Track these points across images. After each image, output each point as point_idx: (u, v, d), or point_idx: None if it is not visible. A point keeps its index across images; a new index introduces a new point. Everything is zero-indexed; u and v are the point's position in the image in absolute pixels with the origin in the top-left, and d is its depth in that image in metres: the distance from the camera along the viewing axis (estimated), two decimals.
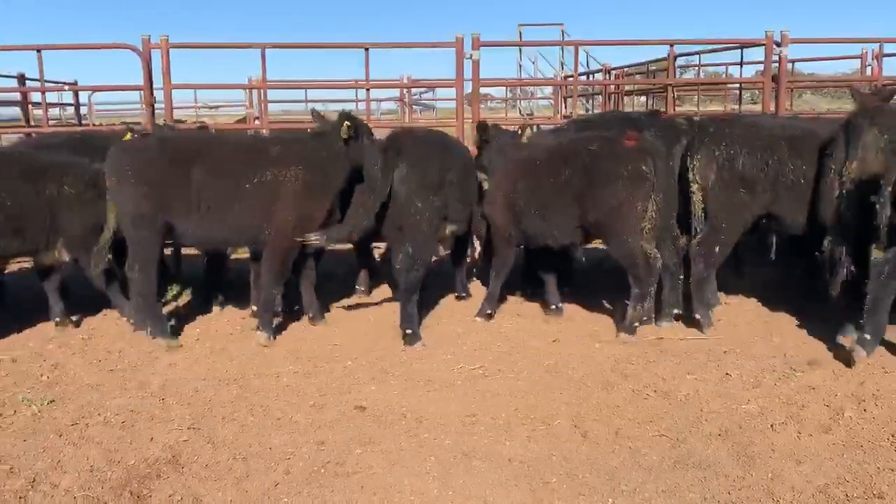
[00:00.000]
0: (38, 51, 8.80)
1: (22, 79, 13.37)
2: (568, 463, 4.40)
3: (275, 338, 6.69)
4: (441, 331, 6.89)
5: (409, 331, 6.61)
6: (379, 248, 8.88)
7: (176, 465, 4.44)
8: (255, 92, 16.34)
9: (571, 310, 7.37)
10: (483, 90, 9.70)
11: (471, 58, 8.75)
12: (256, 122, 14.58)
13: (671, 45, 11.21)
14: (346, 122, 6.65)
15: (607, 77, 15.84)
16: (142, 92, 8.86)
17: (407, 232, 6.66)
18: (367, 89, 10.05)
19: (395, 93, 18.90)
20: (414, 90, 17.70)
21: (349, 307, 7.65)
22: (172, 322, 6.96)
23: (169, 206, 6.46)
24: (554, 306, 7.23)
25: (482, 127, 7.65)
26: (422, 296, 6.91)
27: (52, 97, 15.13)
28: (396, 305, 7.58)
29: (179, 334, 6.81)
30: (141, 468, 4.40)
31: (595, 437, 4.72)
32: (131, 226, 6.52)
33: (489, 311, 7.14)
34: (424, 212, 6.62)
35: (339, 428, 4.88)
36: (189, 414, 5.13)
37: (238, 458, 4.50)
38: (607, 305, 7.39)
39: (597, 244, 7.42)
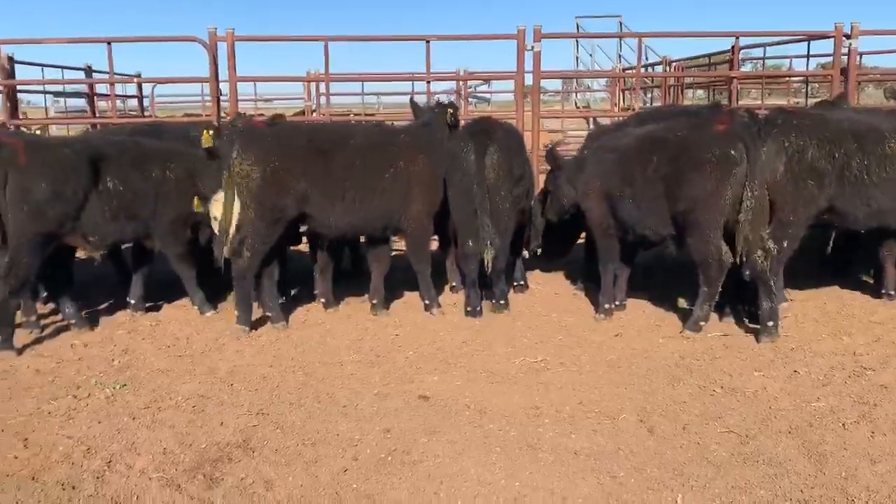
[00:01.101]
0: (109, 43, 9.02)
1: (89, 70, 13.73)
2: (635, 457, 4.37)
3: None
4: (500, 323, 6.89)
5: (502, 300, 7.11)
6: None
7: (246, 448, 4.53)
8: (312, 84, 16.56)
9: (632, 304, 7.31)
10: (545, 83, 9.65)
11: (532, 49, 8.72)
12: (314, 114, 14.75)
13: (736, 38, 11.01)
14: (450, 111, 6.86)
15: (667, 69, 15.61)
16: (202, 84, 9.02)
17: (494, 220, 6.72)
18: (428, 81, 10.07)
19: (446, 85, 18.97)
20: (469, 82, 17.63)
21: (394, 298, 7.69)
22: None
23: (306, 194, 6.54)
24: (618, 302, 7.15)
25: (552, 154, 7.56)
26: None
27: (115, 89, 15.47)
28: (454, 297, 7.67)
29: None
30: (212, 451, 4.50)
31: (662, 432, 4.67)
32: (259, 214, 6.49)
33: (607, 306, 6.97)
34: (507, 200, 6.70)
35: (403, 417, 4.93)
36: (257, 399, 5.22)
37: (307, 444, 4.57)
38: (669, 299, 7.32)
39: None
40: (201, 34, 8.76)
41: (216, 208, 6.62)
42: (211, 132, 7.18)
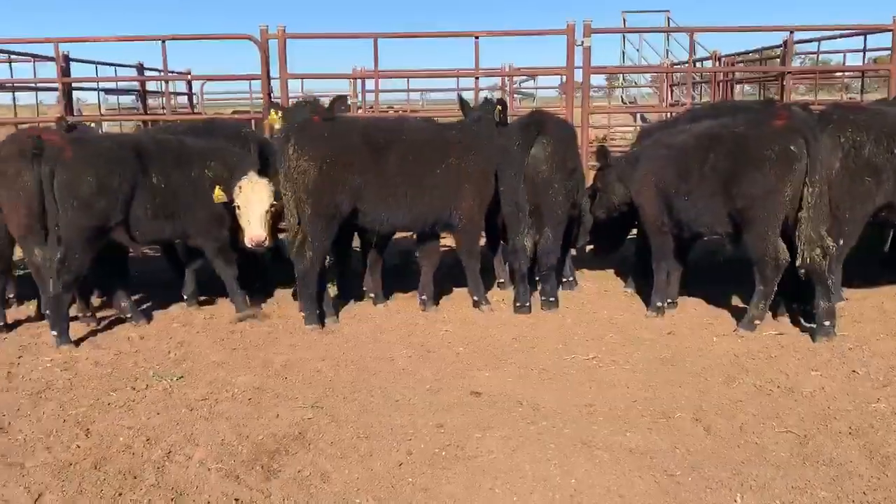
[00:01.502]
0: (163, 42, 9.17)
1: (141, 68, 13.96)
2: (692, 456, 4.33)
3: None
4: (550, 320, 6.87)
5: (551, 298, 7.08)
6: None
7: (303, 441, 4.58)
8: (358, 81, 16.62)
9: (683, 302, 7.23)
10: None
11: (582, 45, 8.66)
12: (359, 111, 14.80)
13: (791, 32, 10.80)
14: (499, 107, 6.88)
15: (716, 64, 15.39)
16: (249, 81, 9.11)
17: (546, 212, 6.71)
18: (476, 77, 10.06)
19: (489, 81, 18.91)
20: (514, 78, 17.56)
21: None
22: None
23: (360, 190, 6.57)
24: (669, 300, 7.06)
25: (603, 151, 7.58)
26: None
27: (160, 86, 15.68)
28: (503, 293, 7.66)
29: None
30: (269, 444, 4.56)
31: (718, 431, 4.62)
32: (316, 210, 6.48)
33: (659, 304, 6.91)
34: (560, 193, 6.70)
35: (456, 412, 4.94)
36: (311, 393, 5.28)
37: (361, 437, 4.60)
38: (720, 297, 7.23)
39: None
40: (250, 31, 8.85)
41: (239, 198, 6.64)
42: (279, 113, 7.28)
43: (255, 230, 6.65)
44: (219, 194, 6.64)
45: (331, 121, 6.72)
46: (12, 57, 11.09)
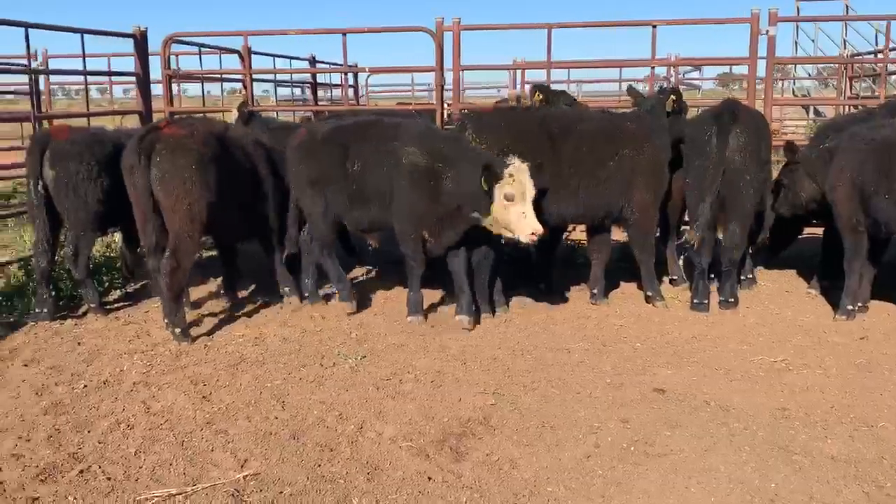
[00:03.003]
0: (344, 34, 9.49)
1: (313, 60, 14.55)
2: None
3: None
4: (730, 319, 6.63)
5: (730, 298, 6.84)
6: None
7: (487, 426, 4.63)
8: (518, 72, 16.62)
9: (875, 305, 6.78)
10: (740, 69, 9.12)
11: (766, 34, 8.27)
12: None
13: None
14: (672, 97, 6.72)
15: None
16: (412, 74, 9.27)
17: (734, 206, 6.50)
18: (652, 67, 9.81)
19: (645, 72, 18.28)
20: (679, 69, 17.02)
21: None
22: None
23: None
24: (860, 303, 6.64)
25: (791, 146, 7.24)
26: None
27: (322, 78, 16.29)
28: (676, 290, 7.46)
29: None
30: (454, 426, 4.64)
31: None
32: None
33: (850, 307, 6.54)
34: (751, 186, 6.46)
35: (640, 408, 4.85)
36: (491, 379, 5.33)
37: (546, 427, 4.60)
38: None
39: None
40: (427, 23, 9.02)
41: (512, 185, 5.95)
42: (541, 95, 7.43)
43: (534, 222, 6.00)
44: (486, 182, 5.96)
45: (511, 110, 6.75)
46: (202, 50, 11.79)
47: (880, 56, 13.08)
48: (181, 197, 6.02)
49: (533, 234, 5.94)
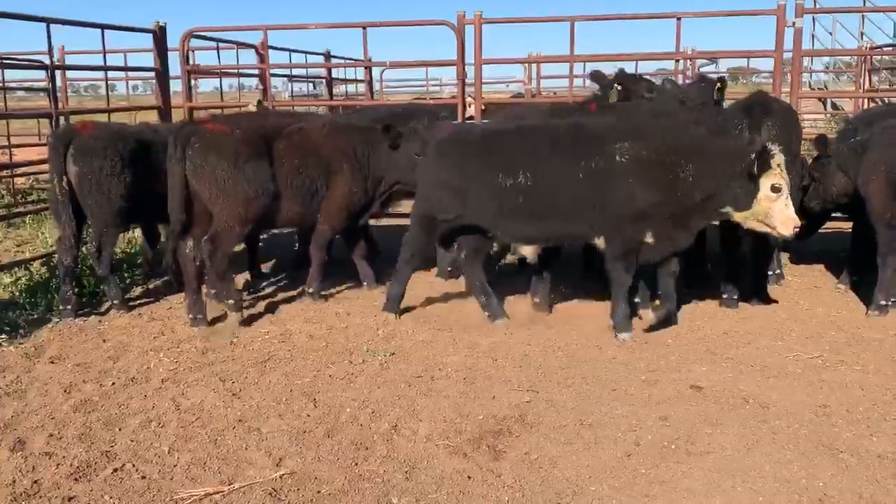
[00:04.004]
0: (364, 28, 9.42)
1: (328, 55, 14.48)
2: None
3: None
4: (761, 315, 6.53)
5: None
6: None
7: (524, 424, 4.56)
8: (533, 67, 16.55)
9: None
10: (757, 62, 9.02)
11: (793, 25, 8.16)
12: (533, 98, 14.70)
13: None
14: (718, 85, 6.67)
15: None
16: (426, 68, 9.18)
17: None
18: (676, 60, 9.69)
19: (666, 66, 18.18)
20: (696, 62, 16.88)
21: None
22: None
23: None
24: (893, 299, 6.51)
25: (822, 139, 7.11)
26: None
27: (338, 73, 16.24)
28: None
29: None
30: (490, 423, 4.57)
31: None
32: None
33: (883, 302, 6.38)
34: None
35: (678, 405, 4.77)
36: (524, 377, 5.25)
37: (584, 425, 4.53)
38: None
39: None
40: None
41: (780, 176, 5.55)
42: (619, 88, 7.40)
43: (794, 214, 5.68)
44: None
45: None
46: (220, 45, 11.74)
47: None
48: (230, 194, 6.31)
49: (796, 227, 5.63)
